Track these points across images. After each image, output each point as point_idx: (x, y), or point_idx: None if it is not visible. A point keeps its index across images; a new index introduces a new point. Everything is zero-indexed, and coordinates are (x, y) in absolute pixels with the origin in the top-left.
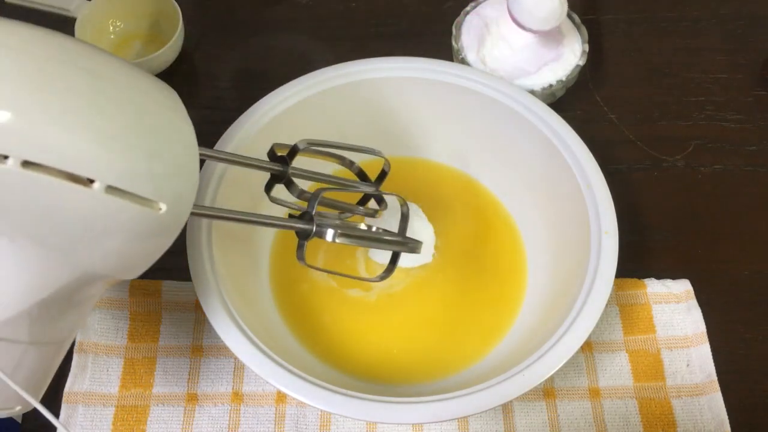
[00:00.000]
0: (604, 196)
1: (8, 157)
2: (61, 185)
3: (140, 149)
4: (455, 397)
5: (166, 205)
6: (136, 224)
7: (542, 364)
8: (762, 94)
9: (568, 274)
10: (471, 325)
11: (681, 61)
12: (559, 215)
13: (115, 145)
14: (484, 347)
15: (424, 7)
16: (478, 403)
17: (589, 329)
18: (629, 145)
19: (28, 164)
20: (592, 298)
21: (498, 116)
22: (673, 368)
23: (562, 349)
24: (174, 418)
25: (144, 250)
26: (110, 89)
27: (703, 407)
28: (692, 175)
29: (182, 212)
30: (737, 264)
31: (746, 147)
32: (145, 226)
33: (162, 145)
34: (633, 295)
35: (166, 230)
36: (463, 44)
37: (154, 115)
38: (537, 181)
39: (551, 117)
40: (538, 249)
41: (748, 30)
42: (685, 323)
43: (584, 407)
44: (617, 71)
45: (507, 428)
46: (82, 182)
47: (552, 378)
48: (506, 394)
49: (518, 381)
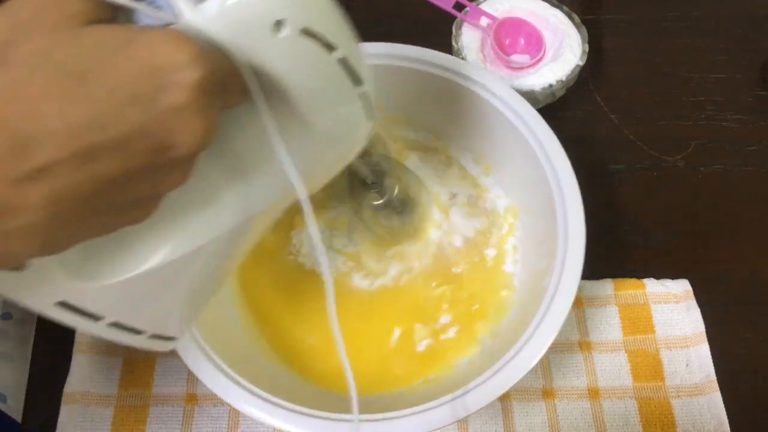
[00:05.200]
0: (573, 193)
1: (284, 23)
2: (320, 52)
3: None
4: (407, 415)
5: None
6: (348, 92)
7: (503, 375)
8: (762, 94)
9: (536, 280)
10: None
11: (681, 61)
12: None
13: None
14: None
15: (424, 7)
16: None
17: (548, 342)
18: (629, 145)
19: (305, 32)
20: (556, 302)
21: (463, 103)
22: (672, 368)
23: (520, 362)
24: (173, 418)
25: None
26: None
27: (702, 407)
28: (692, 175)
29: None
30: (737, 264)
31: (746, 147)
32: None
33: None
34: (632, 295)
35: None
36: (463, 44)
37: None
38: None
39: (523, 107)
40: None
41: (748, 30)
42: (685, 323)
43: (584, 407)
44: (617, 71)
45: (507, 428)
46: (330, 50)
47: (551, 378)
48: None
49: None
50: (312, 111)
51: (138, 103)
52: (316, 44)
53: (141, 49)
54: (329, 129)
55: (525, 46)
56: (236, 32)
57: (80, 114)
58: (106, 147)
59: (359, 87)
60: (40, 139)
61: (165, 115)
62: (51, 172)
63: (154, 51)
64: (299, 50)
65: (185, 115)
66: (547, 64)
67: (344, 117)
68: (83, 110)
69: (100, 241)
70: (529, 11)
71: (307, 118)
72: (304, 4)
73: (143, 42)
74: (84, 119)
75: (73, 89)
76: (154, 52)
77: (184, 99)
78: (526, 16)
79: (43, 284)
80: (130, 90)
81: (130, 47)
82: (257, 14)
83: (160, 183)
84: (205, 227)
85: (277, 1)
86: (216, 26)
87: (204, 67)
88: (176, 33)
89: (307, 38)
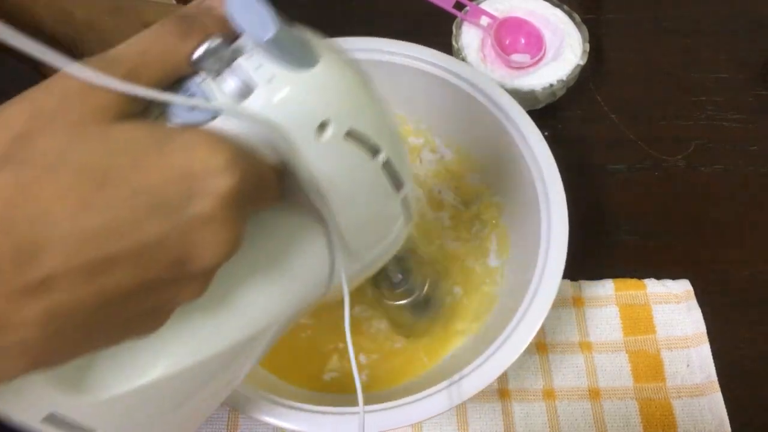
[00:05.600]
0: (557, 189)
1: (329, 124)
2: (364, 157)
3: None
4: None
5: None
6: (387, 196)
7: (488, 367)
8: (762, 94)
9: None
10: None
11: (681, 61)
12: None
13: (394, 128)
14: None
15: (424, 7)
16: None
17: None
18: (629, 145)
19: (350, 134)
20: (540, 295)
21: (449, 97)
22: (673, 368)
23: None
24: None
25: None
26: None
27: (703, 407)
28: (692, 175)
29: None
30: (737, 264)
31: (746, 147)
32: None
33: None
34: (633, 295)
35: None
36: (463, 44)
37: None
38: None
39: (502, 97)
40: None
41: (748, 30)
42: (685, 323)
43: (584, 408)
44: (618, 71)
45: (507, 429)
46: (374, 154)
47: (552, 378)
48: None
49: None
50: (348, 216)
51: (161, 211)
52: (361, 148)
53: (172, 152)
54: (365, 233)
55: (525, 46)
56: (279, 133)
57: (95, 220)
58: (119, 258)
59: (401, 191)
60: (46, 247)
61: (190, 225)
62: (54, 284)
63: (187, 154)
64: (342, 154)
65: (212, 226)
66: (548, 63)
67: (383, 221)
68: (99, 216)
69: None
70: (530, 11)
71: (341, 222)
72: (351, 103)
73: (177, 144)
74: (99, 226)
75: (92, 193)
76: (187, 156)
77: (212, 209)
78: (527, 15)
79: (31, 397)
80: (154, 196)
81: (160, 149)
82: (304, 113)
83: (175, 296)
84: (218, 335)
85: (325, 99)
86: (258, 126)
87: (237, 174)
88: (212, 135)
89: (352, 141)
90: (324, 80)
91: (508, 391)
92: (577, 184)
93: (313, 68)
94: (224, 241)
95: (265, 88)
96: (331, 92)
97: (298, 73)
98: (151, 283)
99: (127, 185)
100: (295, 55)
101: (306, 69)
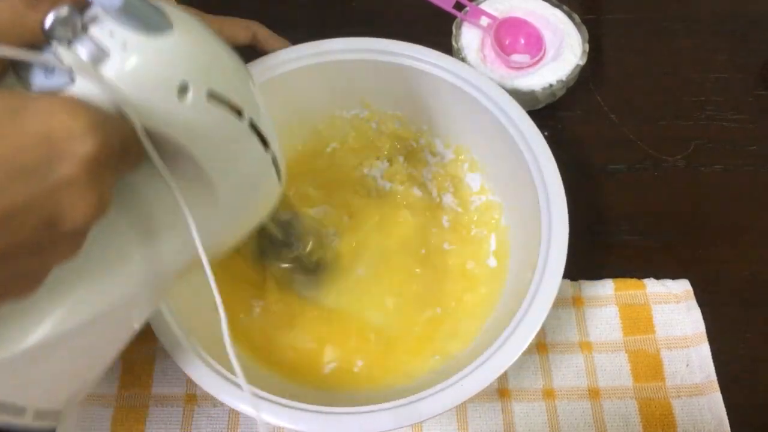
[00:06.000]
0: (555, 185)
1: (189, 87)
2: (229, 117)
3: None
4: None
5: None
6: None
7: (487, 368)
8: (762, 94)
9: (522, 271)
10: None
11: (681, 61)
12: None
13: (255, 90)
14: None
15: (424, 7)
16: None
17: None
18: (629, 145)
19: (212, 96)
20: (538, 299)
21: (450, 98)
22: (672, 368)
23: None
24: (173, 418)
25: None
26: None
27: (702, 407)
28: (692, 175)
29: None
30: (737, 264)
31: (746, 147)
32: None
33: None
34: (632, 295)
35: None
36: (463, 44)
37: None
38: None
39: (503, 98)
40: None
41: (748, 30)
42: (685, 323)
43: (584, 408)
44: (617, 71)
45: (507, 428)
46: (239, 115)
47: (551, 378)
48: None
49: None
50: (221, 176)
51: (25, 175)
52: (225, 109)
53: (31, 117)
54: (238, 193)
55: (525, 46)
56: (137, 96)
57: None
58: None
59: (269, 150)
60: None
61: (54, 188)
62: None
63: (45, 120)
64: (208, 116)
65: (77, 189)
66: (548, 63)
67: (255, 181)
68: None
69: None
70: (530, 11)
71: (214, 182)
72: (208, 66)
73: (34, 110)
74: None
75: None
76: (46, 121)
77: (75, 171)
78: (527, 15)
79: None
80: (16, 162)
81: (19, 116)
82: (159, 76)
83: (48, 258)
84: (99, 295)
85: (180, 62)
86: (116, 91)
87: (98, 137)
88: (70, 100)
89: (215, 103)
90: (179, 44)
91: (508, 390)
92: (577, 184)
93: (167, 33)
94: (90, 203)
95: (119, 54)
96: (186, 56)
97: (152, 38)
98: (21, 246)
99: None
100: (147, 21)
101: (160, 34)
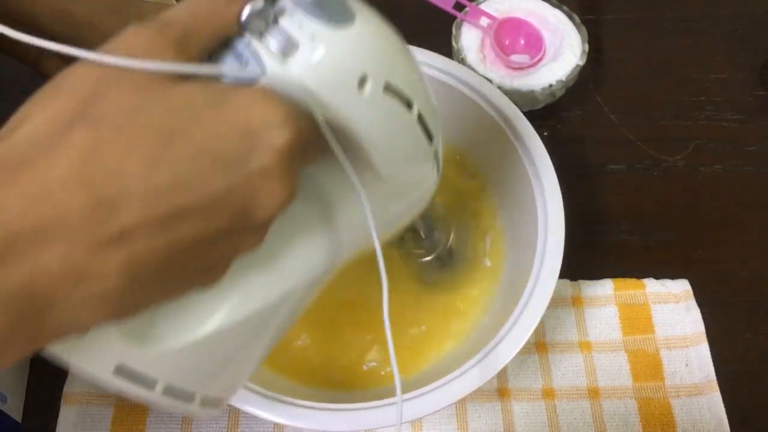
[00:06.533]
0: (553, 188)
1: (368, 79)
2: (400, 110)
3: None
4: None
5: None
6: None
7: (487, 363)
8: (762, 94)
9: (518, 273)
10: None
11: (681, 61)
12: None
13: (424, 82)
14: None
15: (424, 7)
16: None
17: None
18: (629, 145)
19: (387, 88)
20: (535, 297)
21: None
22: (672, 368)
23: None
24: (173, 418)
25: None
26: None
27: (702, 407)
28: (692, 175)
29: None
30: (737, 264)
31: (746, 147)
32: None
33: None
34: (632, 295)
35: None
36: (463, 44)
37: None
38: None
39: (501, 99)
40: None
41: (748, 30)
42: (684, 323)
43: (583, 407)
44: (617, 71)
45: (506, 428)
46: (409, 108)
47: (551, 378)
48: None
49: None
50: (388, 167)
51: (225, 165)
52: (397, 101)
53: (231, 109)
54: (401, 184)
55: (525, 46)
56: (322, 87)
57: (165, 176)
58: (189, 211)
59: (432, 144)
60: (122, 201)
61: (251, 178)
62: (131, 236)
63: (244, 112)
64: (381, 108)
65: (271, 179)
66: (547, 64)
67: (417, 173)
68: (169, 172)
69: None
70: (529, 11)
71: (381, 173)
72: (387, 58)
73: (234, 102)
74: (169, 181)
75: (160, 150)
76: (245, 113)
77: (271, 162)
78: (526, 16)
79: (102, 348)
80: (218, 152)
81: (220, 107)
82: (343, 68)
83: (236, 247)
84: (274, 285)
85: (362, 54)
86: (303, 83)
87: (293, 129)
88: (267, 92)
89: (389, 95)
90: (361, 36)
91: (508, 390)
92: (576, 184)
93: (351, 25)
94: (282, 193)
95: (308, 46)
96: (368, 48)
97: (337, 31)
98: (216, 234)
99: (192, 143)
100: (333, 13)
101: (344, 26)
